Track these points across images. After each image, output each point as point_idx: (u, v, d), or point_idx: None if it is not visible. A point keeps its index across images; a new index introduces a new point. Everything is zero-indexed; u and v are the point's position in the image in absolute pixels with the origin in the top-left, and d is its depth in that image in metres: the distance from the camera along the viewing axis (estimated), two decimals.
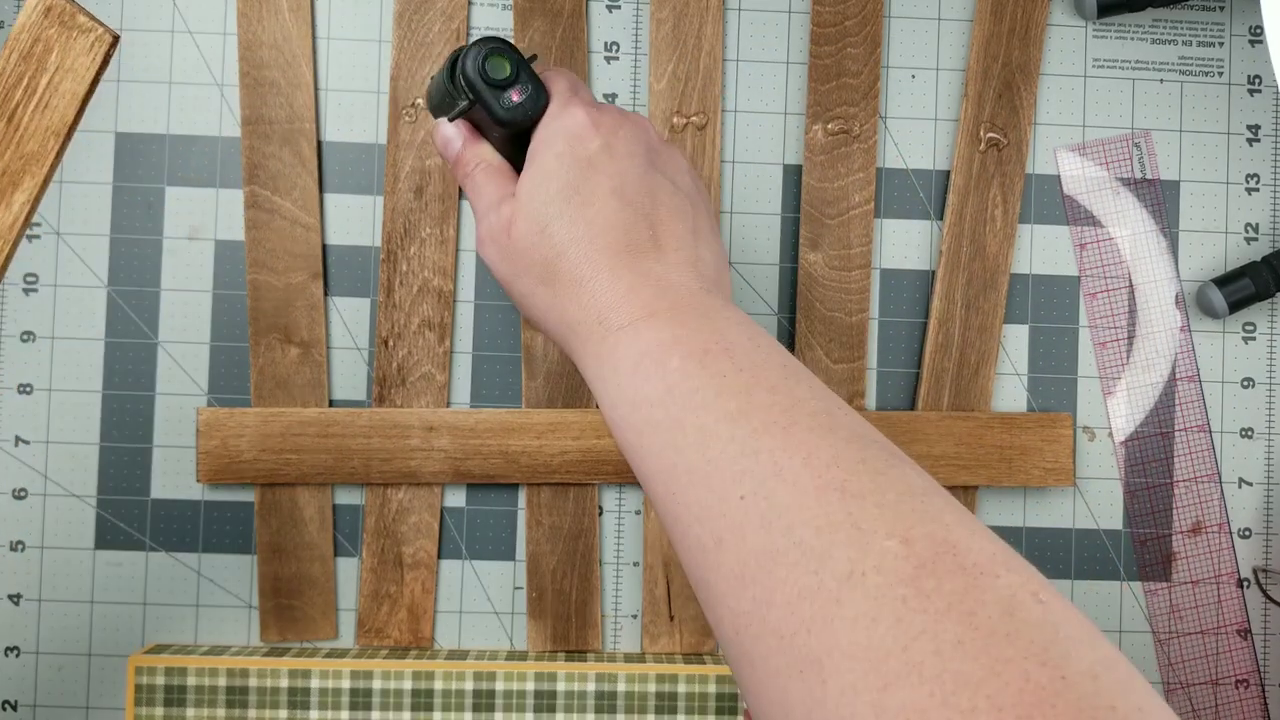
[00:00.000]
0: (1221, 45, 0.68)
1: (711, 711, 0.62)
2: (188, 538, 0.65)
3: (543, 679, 0.62)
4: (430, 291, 0.65)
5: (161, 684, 0.61)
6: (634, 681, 0.62)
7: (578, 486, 0.65)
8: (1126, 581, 0.67)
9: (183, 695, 0.61)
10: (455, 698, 0.61)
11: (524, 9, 0.66)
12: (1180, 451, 0.67)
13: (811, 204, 0.66)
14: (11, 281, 0.65)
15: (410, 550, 0.65)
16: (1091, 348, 0.67)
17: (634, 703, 0.62)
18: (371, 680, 0.61)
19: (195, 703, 0.61)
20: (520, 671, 0.62)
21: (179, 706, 0.61)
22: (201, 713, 0.61)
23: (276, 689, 0.61)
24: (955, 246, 0.66)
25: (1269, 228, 0.68)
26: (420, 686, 0.61)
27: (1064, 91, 0.67)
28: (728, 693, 0.62)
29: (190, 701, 0.61)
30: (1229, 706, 0.67)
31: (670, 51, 0.66)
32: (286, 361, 0.65)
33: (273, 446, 0.64)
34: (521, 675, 0.62)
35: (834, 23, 0.66)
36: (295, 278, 0.65)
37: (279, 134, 0.65)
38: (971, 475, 0.65)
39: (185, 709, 0.61)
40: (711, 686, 0.62)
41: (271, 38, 0.65)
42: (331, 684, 0.61)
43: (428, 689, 0.61)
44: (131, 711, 0.61)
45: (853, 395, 0.66)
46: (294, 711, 0.61)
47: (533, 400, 0.65)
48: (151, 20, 0.66)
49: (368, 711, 0.61)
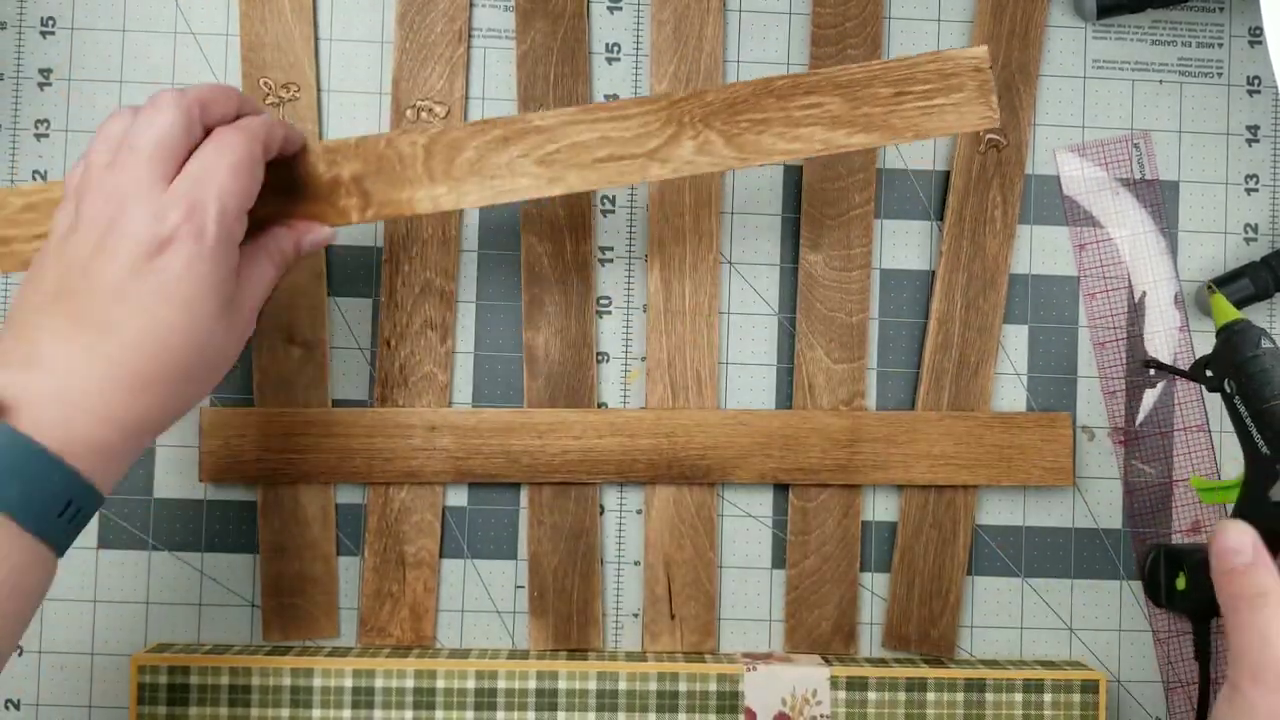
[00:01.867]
0: (1221, 46, 0.68)
1: (712, 710, 0.62)
2: (191, 537, 0.65)
3: (544, 678, 0.62)
4: (432, 291, 0.65)
5: (164, 683, 0.61)
6: (635, 680, 0.62)
7: (579, 486, 0.65)
8: (1126, 581, 0.67)
9: (185, 694, 0.61)
10: (458, 696, 0.61)
11: (526, 10, 0.66)
12: (1180, 451, 0.67)
13: (812, 204, 0.66)
14: (16, 281, 0.65)
15: (412, 549, 0.65)
16: (1091, 348, 0.67)
17: (635, 701, 0.62)
18: (374, 679, 0.61)
19: (198, 701, 0.61)
20: (522, 670, 0.62)
21: (182, 705, 0.61)
22: (204, 711, 0.61)
23: (279, 687, 0.61)
24: (955, 247, 0.66)
25: (1268, 228, 0.68)
26: (423, 685, 0.61)
27: (1064, 92, 0.68)
28: (728, 691, 0.62)
29: (193, 700, 0.61)
30: None
31: (671, 52, 0.66)
32: (289, 361, 0.65)
33: (275, 446, 0.64)
34: (523, 674, 0.62)
35: (834, 24, 0.66)
36: (297, 277, 0.65)
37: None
38: (971, 475, 0.65)
39: (188, 708, 0.61)
40: (712, 685, 0.62)
41: (274, 38, 0.65)
42: (334, 683, 0.61)
43: (430, 687, 0.61)
44: (135, 710, 0.61)
45: (853, 395, 0.66)
46: (296, 710, 0.61)
47: (534, 400, 0.66)
48: (154, 21, 0.66)
49: (370, 710, 0.61)
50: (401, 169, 0.56)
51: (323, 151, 0.56)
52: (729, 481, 0.65)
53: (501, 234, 0.66)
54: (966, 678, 0.62)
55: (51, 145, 0.65)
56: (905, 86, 0.57)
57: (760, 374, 0.67)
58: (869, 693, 0.62)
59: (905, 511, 0.66)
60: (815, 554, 0.66)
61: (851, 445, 0.65)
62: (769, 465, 0.65)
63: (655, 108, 0.56)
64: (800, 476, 0.65)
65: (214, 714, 0.61)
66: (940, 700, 0.62)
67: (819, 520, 0.66)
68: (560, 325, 0.66)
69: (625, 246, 0.67)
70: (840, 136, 0.57)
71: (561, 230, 0.66)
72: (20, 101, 0.66)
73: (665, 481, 0.65)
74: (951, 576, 0.66)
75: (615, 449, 0.65)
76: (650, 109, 0.56)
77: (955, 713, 0.62)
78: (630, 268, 0.67)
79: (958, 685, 0.62)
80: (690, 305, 0.66)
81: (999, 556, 0.67)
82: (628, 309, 0.67)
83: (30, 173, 0.65)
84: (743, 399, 0.66)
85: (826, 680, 0.62)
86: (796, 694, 0.62)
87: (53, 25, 0.66)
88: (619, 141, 0.56)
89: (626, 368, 0.66)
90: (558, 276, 0.66)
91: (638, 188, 0.66)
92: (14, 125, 0.65)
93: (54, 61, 0.66)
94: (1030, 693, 0.62)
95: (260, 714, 0.61)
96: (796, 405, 0.66)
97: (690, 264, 0.66)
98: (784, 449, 0.65)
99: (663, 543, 0.65)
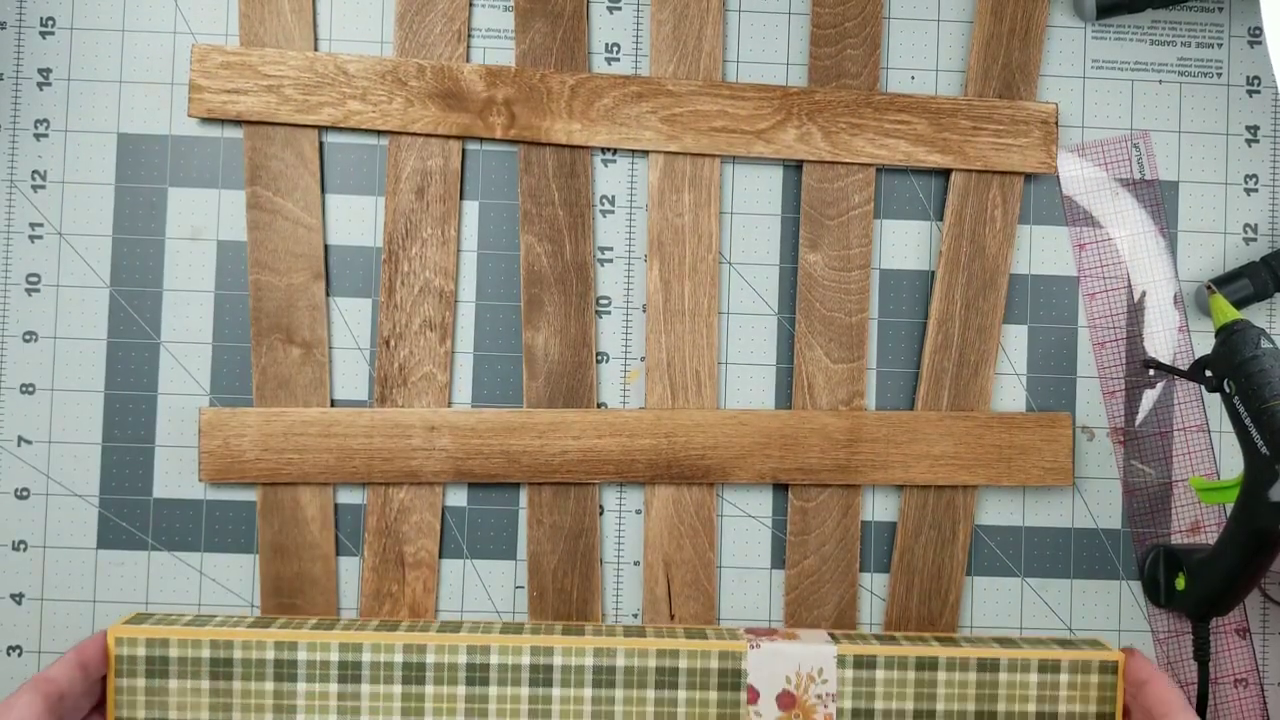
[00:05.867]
0: (1220, 46, 0.68)
1: (713, 688, 0.60)
2: (190, 537, 0.65)
3: (539, 653, 0.60)
4: (431, 292, 0.65)
5: (143, 655, 0.59)
6: (634, 656, 0.60)
7: (578, 486, 0.65)
8: (1126, 581, 0.67)
9: (165, 666, 0.59)
10: (448, 671, 0.59)
11: (525, 10, 0.66)
12: (1179, 451, 0.67)
13: (811, 204, 0.66)
14: (14, 281, 0.65)
15: (412, 549, 0.65)
16: (1090, 348, 0.67)
17: (633, 677, 0.60)
18: (361, 653, 0.59)
19: (178, 674, 0.59)
20: (516, 645, 0.60)
21: (161, 678, 0.59)
22: (185, 684, 0.59)
23: (262, 661, 0.59)
24: (955, 246, 0.66)
25: (1268, 228, 0.68)
26: (412, 659, 0.59)
27: (1063, 92, 0.68)
28: (730, 669, 0.60)
29: (173, 673, 0.59)
30: (1228, 705, 0.67)
31: (671, 52, 0.66)
32: (288, 361, 0.65)
33: (275, 446, 0.64)
34: (517, 649, 0.60)
35: (834, 24, 0.66)
36: (297, 278, 0.65)
37: (281, 135, 0.65)
38: (971, 475, 0.65)
39: (168, 680, 0.59)
40: (714, 662, 0.60)
41: (273, 39, 0.65)
42: (320, 656, 0.59)
43: (420, 662, 0.59)
44: (112, 683, 0.59)
45: (853, 395, 0.66)
46: (281, 684, 0.59)
47: (534, 400, 0.66)
48: (154, 21, 0.66)
49: (357, 685, 0.59)
50: (548, 101, 0.64)
51: (485, 72, 0.64)
52: (728, 481, 0.65)
53: (501, 234, 0.66)
54: (980, 656, 0.60)
55: (51, 145, 0.65)
56: (982, 123, 0.65)
57: (760, 374, 0.67)
58: (877, 671, 0.60)
59: (905, 511, 0.66)
60: (815, 554, 0.66)
61: (851, 445, 0.65)
62: (768, 465, 0.65)
63: (770, 95, 0.65)
64: (800, 476, 0.65)
65: (195, 687, 0.59)
66: (951, 680, 0.60)
67: (818, 520, 0.66)
68: (560, 325, 0.66)
69: (625, 246, 0.67)
70: (920, 152, 0.66)
71: (561, 230, 0.66)
72: (20, 101, 0.66)
73: (665, 481, 0.65)
74: (951, 576, 0.66)
75: (615, 449, 0.65)
76: (766, 95, 0.65)
77: (967, 692, 0.60)
78: (630, 268, 0.67)
79: (970, 664, 0.60)
80: (690, 305, 0.66)
81: (999, 556, 0.67)
82: (627, 309, 0.67)
83: (30, 172, 0.65)
84: (742, 399, 0.66)
85: (833, 658, 0.60)
86: (802, 672, 0.60)
87: (53, 25, 0.66)
88: (734, 117, 0.65)
89: (626, 368, 0.66)
90: (558, 276, 0.66)
91: (638, 187, 0.66)
92: (14, 125, 0.65)
93: (54, 61, 0.66)
94: (1046, 673, 0.60)
95: (244, 688, 0.59)
96: (796, 405, 0.66)
97: (690, 264, 0.66)
98: (783, 449, 0.65)
99: (662, 543, 0.65)
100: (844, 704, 0.60)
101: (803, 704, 0.60)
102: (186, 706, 0.59)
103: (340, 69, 0.65)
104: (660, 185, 0.66)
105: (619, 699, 0.60)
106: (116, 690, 0.59)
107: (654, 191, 0.66)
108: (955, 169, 0.66)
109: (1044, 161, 0.66)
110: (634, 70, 0.67)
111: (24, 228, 0.65)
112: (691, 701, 0.60)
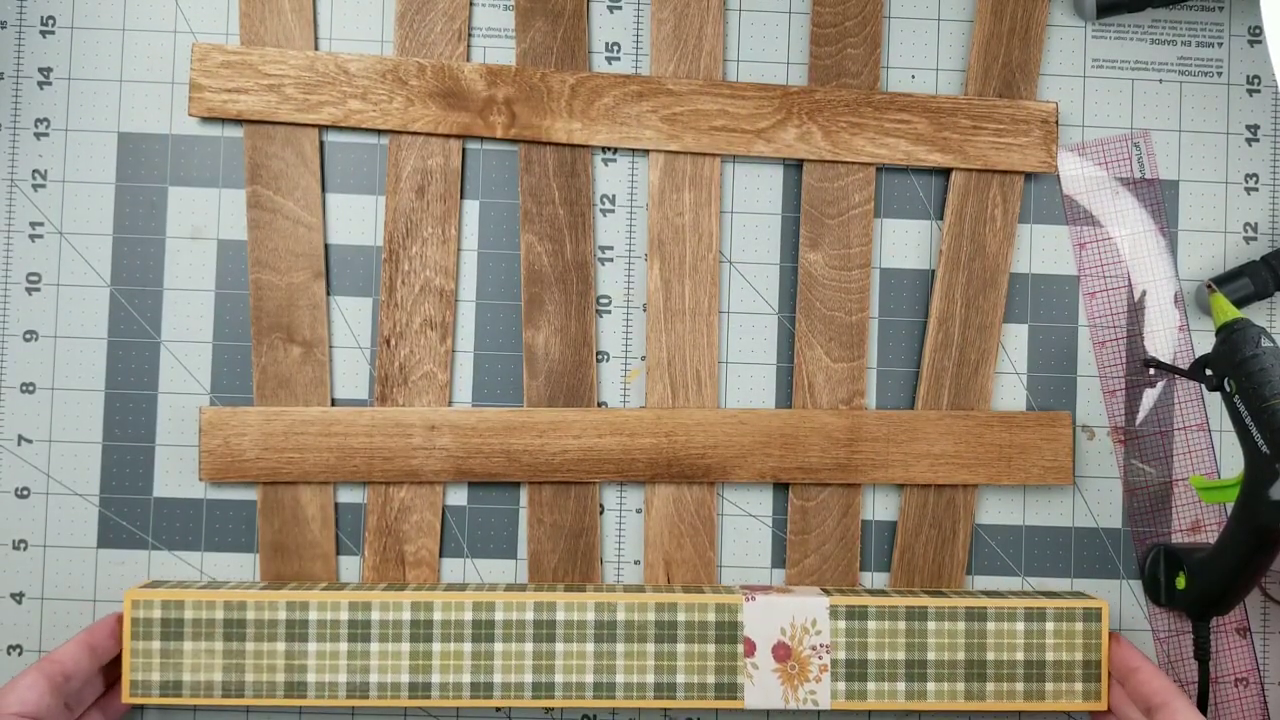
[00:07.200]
0: (1220, 45, 0.68)
1: (711, 641, 0.61)
2: (190, 536, 0.65)
3: (542, 609, 0.61)
4: (432, 291, 0.65)
5: (158, 617, 0.60)
6: (633, 610, 0.61)
7: (579, 485, 0.65)
8: (1127, 580, 0.67)
9: (180, 629, 0.60)
10: (455, 628, 0.61)
11: (525, 9, 0.66)
12: (1179, 450, 0.67)
13: (811, 204, 0.66)
14: (14, 280, 0.65)
15: (412, 549, 0.65)
16: (1091, 347, 0.67)
17: (634, 631, 0.61)
18: (370, 612, 0.61)
19: (193, 636, 0.60)
20: (520, 601, 0.61)
21: (176, 640, 0.60)
22: (199, 646, 0.60)
23: (274, 621, 0.61)
24: (955, 246, 0.66)
25: (1268, 227, 0.68)
26: (419, 617, 0.61)
27: (1064, 91, 0.68)
28: (728, 621, 0.61)
29: (188, 635, 0.60)
30: (1228, 704, 0.67)
31: (671, 52, 0.66)
32: (289, 360, 0.65)
33: (275, 445, 0.64)
34: (521, 605, 0.61)
35: (834, 23, 0.66)
36: (297, 277, 0.65)
37: (281, 134, 0.65)
38: (971, 474, 0.65)
39: (183, 642, 0.60)
40: (711, 615, 0.61)
41: (274, 38, 0.65)
42: (330, 615, 0.61)
43: (427, 619, 0.61)
44: (128, 646, 0.60)
45: (853, 394, 0.66)
46: (292, 644, 0.61)
47: (534, 399, 0.66)
48: (154, 20, 0.66)
49: (367, 643, 0.61)
50: (548, 100, 0.64)
51: (485, 72, 0.63)
52: (729, 480, 0.65)
53: (502, 233, 0.66)
54: (968, 606, 0.62)
55: (52, 144, 0.65)
56: (982, 122, 0.65)
57: (760, 373, 0.67)
58: (869, 622, 0.62)
59: (905, 510, 0.66)
60: (815, 553, 0.66)
61: (851, 444, 0.65)
62: (769, 464, 0.65)
63: (771, 94, 0.65)
64: (800, 475, 0.65)
65: (209, 649, 0.60)
66: (941, 629, 0.62)
67: (819, 519, 0.66)
68: (560, 324, 0.66)
69: (625, 246, 0.67)
70: (920, 151, 0.65)
71: (561, 230, 0.66)
72: (20, 101, 0.66)
73: (665, 480, 0.65)
74: (951, 575, 0.66)
75: (615, 448, 0.65)
76: (766, 95, 0.65)
77: (956, 642, 0.62)
78: (630, 267, 0.67)
79: (959, 614, 0.62)
80: (690, 304, 0.66)
81: (999, 555, 0.67)
82: (627, 308, 0.67)
83: (30, 171, 0.65)
84: (742, 398, 0.66)
85: (826, 609, 0.62)
86: (796, 623, 0.62)
87: (53, 25, 0.66)
88: (735, 116, 0.65)
89: (626, 367, 0.66)
90: (558, 275, 0.66)
91: (638, 186, 0.66)
92: (14, 124, 0.66)
93: (54, 61, 0.66)
94: (1033, 621, 0.62)
95: (256, 648, 0.60)
96: (796, 404, 0.66)
97: (690, 264, 0.66)
98: (784, 448, 0.65)
99: (662, 542, 0.65)
100: (838, 654, 0.62)
101: (798, 655, 0.61)
102: (200, 668, 0.60)
103: (341, 68, 0.65)
104: (661, 184, 0.66)
105: (620, 653, 0.61)
106: (132, 654, 0.60)
107: (654, 190, 0.66)
108: (955, 168, 0.66)
109: (1044, 161, 0.66)
110: (634, 69, 0.67)
111: (24, 227, 0.65)
112: (690, 654, 0.61)
